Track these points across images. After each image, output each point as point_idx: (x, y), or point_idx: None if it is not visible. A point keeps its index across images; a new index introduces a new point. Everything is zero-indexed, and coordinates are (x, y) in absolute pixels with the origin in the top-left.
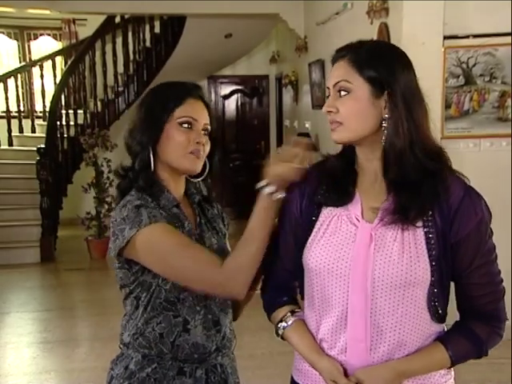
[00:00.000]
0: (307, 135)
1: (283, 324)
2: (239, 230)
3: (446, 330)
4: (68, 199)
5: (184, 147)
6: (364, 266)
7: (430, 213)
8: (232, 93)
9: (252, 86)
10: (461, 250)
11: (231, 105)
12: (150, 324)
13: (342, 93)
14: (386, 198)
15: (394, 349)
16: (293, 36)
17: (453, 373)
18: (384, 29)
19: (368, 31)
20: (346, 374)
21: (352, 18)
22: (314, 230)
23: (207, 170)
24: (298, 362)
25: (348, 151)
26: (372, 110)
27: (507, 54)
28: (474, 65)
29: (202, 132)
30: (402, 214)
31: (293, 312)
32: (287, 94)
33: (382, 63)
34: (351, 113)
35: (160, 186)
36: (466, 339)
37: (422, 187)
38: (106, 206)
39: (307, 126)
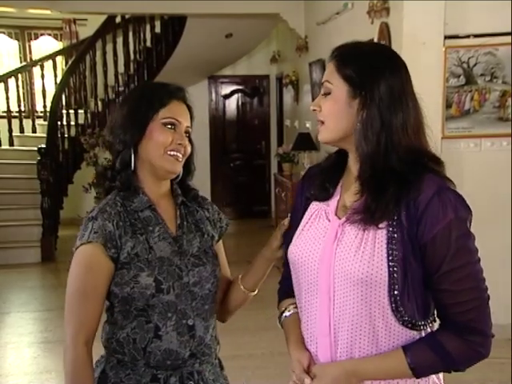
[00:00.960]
0: (308, 135)
1: (284, 314)
2: (239, 229)
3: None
4: (68, 199)
5: (165, 147)
6: (328, 262)
7: (396, 213)
8: (232, 93)
9: (252, 86)
10: (428, 254)
11: (232, 105)
12: (124, 329)
13: (325, 92)
14: (359, 197)
15: (353, 347)
16: (293, 36)
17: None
18: (385, 28)
19: (368, 31)
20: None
21: (352, 17)
22: (301, 223)
23: (180, 175)
24: None
25: (342, 149)
26: (349, 111)
27: (508, 54)
28: (475, 64)
29: (184, 134)
30: (366, 214)
31: (296, 305)
32: (288, 94)
33: (361, 64)
34: (330, 112)
35: (136, 187)
36: (430, 349)
37: (390, 189)
38: None
39: (308, 125)
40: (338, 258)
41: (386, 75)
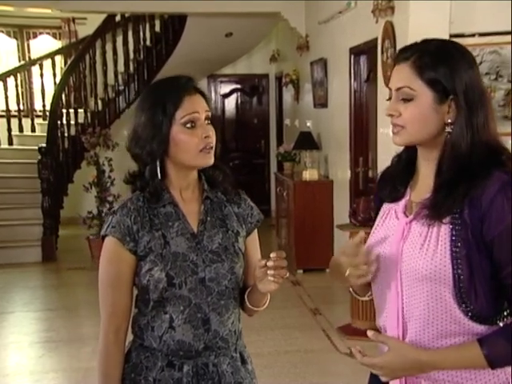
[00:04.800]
0: (309, 134)
1: None
2: None
3: None
4: (69, 198)
5: (195, 147)
6: (396, 259)
7: (459, 210)
8: (232, 92)
9: (252, 85)
10: (495, 250)
11: (231, 104)
12: (145, 316)
13: (405, 98)
14: (429, 193)
15: (420, 341)
16: (293, 35)
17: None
18: (389, 27)
19: (372, 30)
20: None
21: (356, 16)
22: (375, 223)
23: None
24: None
25: (411, 149)
26: (434, 116)
27: None
28: (480, 63)
29: (206, 122)
30: (431, 209)
31: None
32: (287, 93)
33: (445, 68)
34: (414, 118)
35: (161, 184)
36: (505, 340)
37: (461, 186)
38: (108, 205)
39: (309, 124)
40: (404, 256)
41: (468, 72)
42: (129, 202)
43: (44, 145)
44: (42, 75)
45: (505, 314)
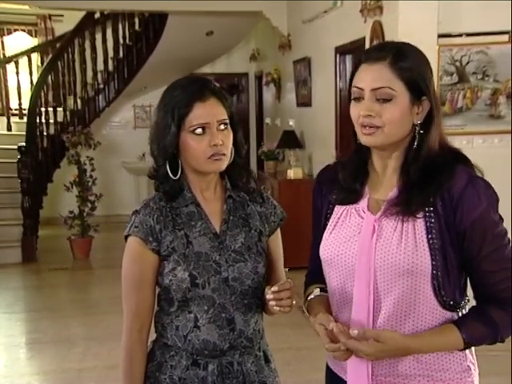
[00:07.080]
0: (293, 133)
1: (310, 296)
2: None
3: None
4: (48, 198)
5: (202, 154)
6: (367, 256)
7: (432, 204)
8: None
9: (231, 84)
10: (467, 239)
11: None
12: (168, 316)
13: (384, 98)
14: (394, 191)
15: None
16: (274, 34)
17: (476, 372)
18: (378, 27)
19: (359, 29)
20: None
21: (341, 16)
22: (328, 224)
23: (230, 160)
24: None
25: (361, 150)
26: (409, 117)
27: (499, 53)
28: (468, 63)
29: (221, 127)
30: (404, 205)
31: (322, 289)
32: (268, 92)
33: (419, 70)
34: (393, 119)
35: (181, 184)
36: (480, 323)
37: (428, 181)
38: (90, 205)
39: (291, 123)
40: (379, 252)
41: (431, 75)
42: (151, 202)
43: (23, 144)
44: (17, 73)
45: (465, 300)
